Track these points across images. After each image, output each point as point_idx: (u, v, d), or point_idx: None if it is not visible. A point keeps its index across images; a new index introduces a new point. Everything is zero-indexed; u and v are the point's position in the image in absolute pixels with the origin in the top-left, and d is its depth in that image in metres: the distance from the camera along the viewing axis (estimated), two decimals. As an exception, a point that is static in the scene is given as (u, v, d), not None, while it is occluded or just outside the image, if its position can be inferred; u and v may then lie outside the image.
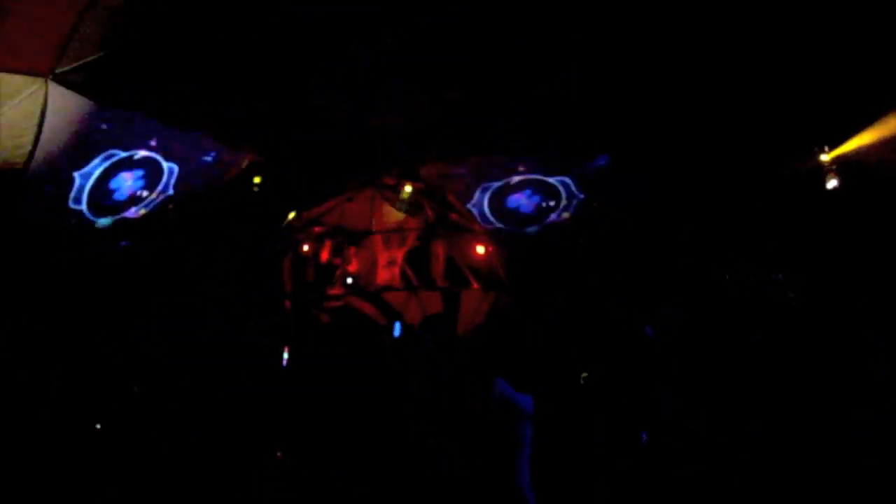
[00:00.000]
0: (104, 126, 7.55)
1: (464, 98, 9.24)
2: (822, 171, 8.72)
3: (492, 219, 11.34)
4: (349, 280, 10.92)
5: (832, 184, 8.75)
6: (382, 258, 10.98)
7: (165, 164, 8.52)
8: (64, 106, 6.94)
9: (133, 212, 8.57)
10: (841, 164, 8.58)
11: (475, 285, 10.93)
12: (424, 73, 8.79)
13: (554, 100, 9.25)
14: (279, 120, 9.12)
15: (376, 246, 11.01)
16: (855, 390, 4.53)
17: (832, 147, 8.62)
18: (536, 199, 11.01)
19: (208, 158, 9.03)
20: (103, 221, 8.45)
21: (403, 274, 11.19)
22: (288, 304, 10.43)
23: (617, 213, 10.76)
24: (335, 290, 10.69)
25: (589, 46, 8.12)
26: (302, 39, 7.80)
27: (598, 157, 10.52)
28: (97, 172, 7.91)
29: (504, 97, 9.27)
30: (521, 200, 11.08)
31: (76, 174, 7.79)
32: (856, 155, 8.47)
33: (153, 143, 8.25)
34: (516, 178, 10.91)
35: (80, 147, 7.65)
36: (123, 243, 8.79)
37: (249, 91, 8.42)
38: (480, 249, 11.00)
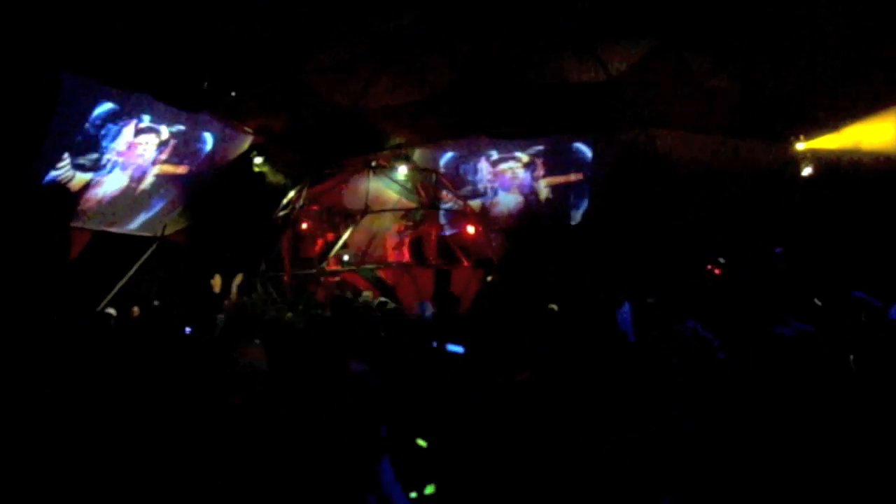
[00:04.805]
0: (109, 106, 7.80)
1: (458, 83, 9.50)
2: (798, 160, 9.26)
3: (483, 200, 11.67)
4: (345, 257, 11.28)
5: (807, 171, 9.30)
6: (391, 242, 11.40)
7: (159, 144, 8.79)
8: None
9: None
10: (815, 155, 9.08)
11: (466, 263, 11.26)
12: (418, 59, 9.05)
13: (546, 85, 9.51)
14: (280, 103, 9.36)
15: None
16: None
17: (808, 138, 9.11)
18: (529, 181, 11.33)
19: (211, 138, 9.27)
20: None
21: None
22: (286, 278, 10.74)
23: (607, 195, 11.01)
24: (331, 266, 11.01)
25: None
26: (301, 25, 8.00)
27: (588, 141, 10.81)
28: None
29: (498, 83, 9.52)
30: (514, 182, 11.38)
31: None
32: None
33: (154, 123, 8.50)
34: (507, 161, 11.23)
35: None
36: None
37: (250, 74, 8.65)
38: (471, 229, 11.32)
